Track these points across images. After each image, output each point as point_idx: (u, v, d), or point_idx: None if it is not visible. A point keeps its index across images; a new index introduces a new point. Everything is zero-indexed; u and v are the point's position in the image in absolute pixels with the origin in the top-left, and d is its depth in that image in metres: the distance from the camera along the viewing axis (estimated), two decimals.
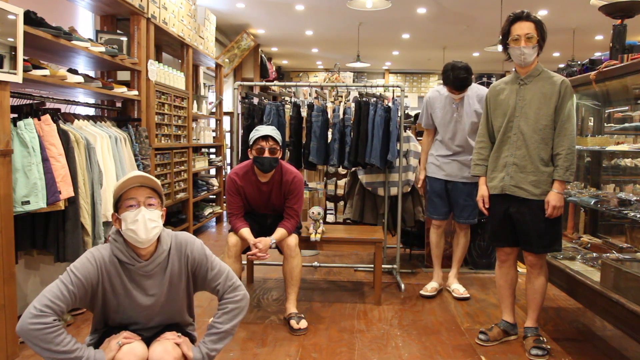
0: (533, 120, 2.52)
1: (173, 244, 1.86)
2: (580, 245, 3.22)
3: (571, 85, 2.52)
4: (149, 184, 1.79)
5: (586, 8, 5.42)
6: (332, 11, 7.22)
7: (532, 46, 2.50)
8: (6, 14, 2.31)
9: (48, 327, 1.56)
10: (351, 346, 2.70)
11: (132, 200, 1.75)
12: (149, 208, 1.76)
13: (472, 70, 3.31)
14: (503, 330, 2.78)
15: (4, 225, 2.35)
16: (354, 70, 12.31)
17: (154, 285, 1.81)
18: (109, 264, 1.76)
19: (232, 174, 3.05)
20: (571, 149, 2.46)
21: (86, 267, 1.71)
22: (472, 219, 3.50)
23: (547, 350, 2.59)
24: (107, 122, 3.48)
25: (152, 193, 1.79)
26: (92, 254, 1.75)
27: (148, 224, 1.73)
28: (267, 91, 4.46)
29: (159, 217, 1.79)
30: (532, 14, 2.55)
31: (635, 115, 4.00)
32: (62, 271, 1.76)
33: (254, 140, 2.93)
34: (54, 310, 1.61)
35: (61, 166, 2.66)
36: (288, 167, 3.07)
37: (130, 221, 1.73)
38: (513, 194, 2.56)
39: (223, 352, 2.57)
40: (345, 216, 4.27)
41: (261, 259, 2.90)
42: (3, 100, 2.35)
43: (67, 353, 1.58)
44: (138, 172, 1.82)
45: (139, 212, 1.74)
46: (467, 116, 3.37)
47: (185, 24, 4.88)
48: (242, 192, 3.03)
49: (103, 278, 1.74)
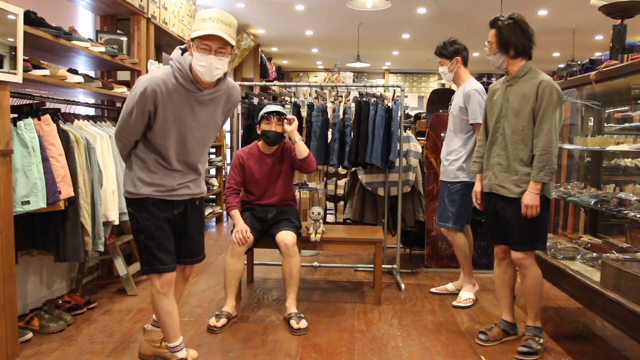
0: (513, 121, 2.56)
1: (228, 86, 2.24)
2: (580, 245, 3.22)
3: (555, 86, 2.48)
4: (223, 32, 2.01)
5: (586, 8, 5.41)
6: (332, 11, 7.21)
7: (493, 52, 2.63)
8: (6, 14, 2.31)
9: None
10: (351, 346, 2.70)
11: (206, 45, 2.02)
12: (218, 56, 2.04)
13: (454, 49, 3.37)
14: (503, 330, 2.78)
15: (4, 225, 2.35)
16: (354, 70, 12.30)
17: (203, 111, 2.17)
18: (168, 83, 2.07)
19: (238, 151, 3.30)
20: (546, 149, 2.44)
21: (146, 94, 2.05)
22: (441, 221, 3.39)
23: (535, 350, 2.56)
24: (107, 122, 3.48)
25: (225, 42, 2.03)
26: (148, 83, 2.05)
27: (213, 71, 2.06)
28: (267, 91, 4.47)
29: (225, 63, 2.08)
30: (500, 18, 2.60)
31: (635, 115, 4.00)
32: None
33: (261, 116, 3.15)
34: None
35: (61, 166, 2.66)
36: (288, 141, 3.29)
37: (199, 62, 2.03)
38: (497, 192, 2.62)
39: (223, 352, 2.57)
40: (345, 216, 4.28)
41: (241, 242, 2.96)
42: (3, 100, 2.35)
43: None
44: (220, 16, 2.02)
45: (209, 58, 2.02)
46: (453, 110, 3.40)
47: (185, 24, 4.88)
48: (245, 166, 3.20)
49: (162, 94, 2.06)
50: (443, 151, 3.47)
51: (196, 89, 2.11)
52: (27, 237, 2.76)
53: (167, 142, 2.15)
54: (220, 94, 2.21)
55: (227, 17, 2.04)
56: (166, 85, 2.06)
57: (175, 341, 2.27)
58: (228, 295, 3.02)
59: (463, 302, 3.36)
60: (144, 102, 2.05)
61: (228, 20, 2.04)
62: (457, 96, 3.38)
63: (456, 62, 3.37)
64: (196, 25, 2.03)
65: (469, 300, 3.36)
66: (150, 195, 2.16)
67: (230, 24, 2.05)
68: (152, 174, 2.17)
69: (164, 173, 2.19)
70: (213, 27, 1.99)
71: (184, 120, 2.15)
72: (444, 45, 3.40)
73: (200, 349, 2.57)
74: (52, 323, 2.78)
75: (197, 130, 2.21)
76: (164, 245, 2.19)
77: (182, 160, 2.22)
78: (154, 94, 2.04)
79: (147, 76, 2.10)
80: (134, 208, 2.20)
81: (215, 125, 2.30)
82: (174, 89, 2.08)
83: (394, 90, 4.01)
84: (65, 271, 3.41)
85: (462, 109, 3.29)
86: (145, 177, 2.16)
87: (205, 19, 2.00)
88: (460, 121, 3.32)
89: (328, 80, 8.21)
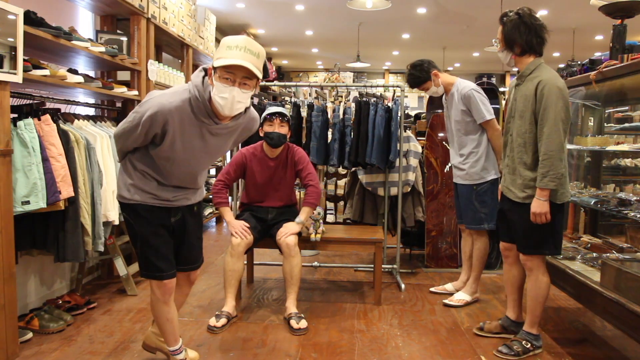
0: (518, 123, 2.48)
1: (247, 118, 2.08)
2: (580, 245, 3.22)
3: (556, 85, 2.34)
4: (250, 63, 1.84)
5: (586, 8, 5.42)
6: (332, 11, 7.22)
7: (500, 50, 2.57)
8: (6, 14, 2.31)
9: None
10: (351, 346, 2.70)
11: (230, 75, 1.86)
12: (242, 88, 1.88)
13: (425, 67, 3.34)
14: (502, 325, 2.79)
15: (4, 225, 2.35)
16: (354, 70, 12.31)
17: (214, 140, 2.03)
18: (183, 112, 1.91)
19: (242, 149, 3.24)
20: (548, 154, 2.32)
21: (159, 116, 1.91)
22: (475, 224, 3.29)
23: (515, 352, 2.53)
24: (107, 122, 3.48)
25: (250, 73, 1.86)
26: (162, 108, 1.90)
27: (235, 105, 1.89)
28: (267, 91, 4.46)
29: (249, 97, 1.93)
30: (507, 14, 2.51)
31: (635, 115, 4.00)
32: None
33: (264, 118, 3.09)
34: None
35: (61, 166, 2.66)
36: (293, 145, 3.24)
37: (221, 93, 1.86)
38: (506, 194, 2.59)
39: (223, 352, 2.57)
40: (345, 216, 4.28)
41: (243, 235, 2.96)
42: (3, 100, 2.35)
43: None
44: (247, 44, 1.86)
45: (232, 90, 1.86)
46: (453, 114, 3.34)
47: (185, 24, 4.88)
48: (247, 167, 3.16)
49: (175, 122, 1.92)
50: (455, 157, 3.37)
51: (212, 121, 1.95)
52: (27, 237, 2.76)
53: (170, 165, 2.04)
54: (237, 128, 2.07)
55: (255, 47, 1.87)
56: (180, 114, 1.91)
57: (174, 345, 2.26)
58: (228, 295, 3.02)
59: (455, 301, 3.34)
60: (151, 125, 1.91)
61: (256, 50, 1.87)
62: (453, 100, 3.31)
63: (435, 76, 3.34)
64: (220, 53, 1.86)
65: (461, 301, 3.34)
66: (144, 202, 2.06)
67: (259, 55, 1.88)
68: (148, 183, 2.06)
69: (160, 186, 2.08)
70: (239, 56, 1.82)
71: (193, 150, 2.02)
72: (414, 75, 3.37)
73: (200, 349, 2.57)
74: (52, 323, 2.78)
75: (205, 158, 2.11)
76: (162, 252, 2.11)
77: (181, 182, 2.12)
78: (164, 121, 1.90)
79: (161, 99, 1.90)
80: (128, 214, 2.10)
81: (223, 151, 2.21)
82: (188, 119, 1.93)
83: (394, 90, 4.01)
84: (65, 271, 3.40)
85: (465, 112, 3.25)
86: (140, 184, 2.05)
87: (231, 47, 1.84)
88: (466, 124, 3.27)
89: (328, 80, 8.21)
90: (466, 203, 3.33)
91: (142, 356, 2.52)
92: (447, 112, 3.42)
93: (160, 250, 2.11)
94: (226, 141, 2.12)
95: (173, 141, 1.96)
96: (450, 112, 3.36)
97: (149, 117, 1.89)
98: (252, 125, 2.17)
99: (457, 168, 3.38)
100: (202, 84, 1.91)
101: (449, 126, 3.44)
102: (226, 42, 1.87)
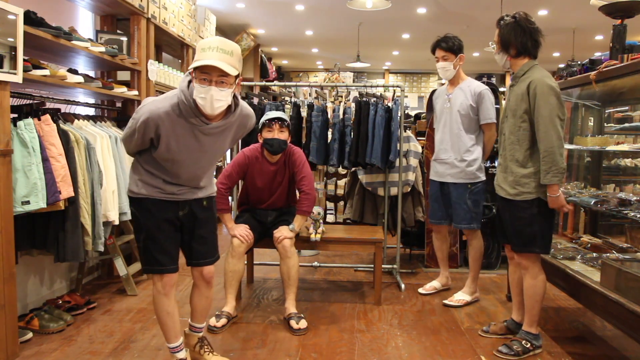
0: (511, 122, 2.55)
1: (240, 115, 2.13)
2: (580, 245, 3.22)
3: (547, 84, 2.40)
4: (223, 62, 1.91)
5: (586, 8, 5.41)
6: (332, 11, 7.22)
7: (497, 52, 2.63)
8: (6, 14, 2.31)
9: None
10: (351, 346, 2.70)
11: (205, 75, 1.93)
12: (219, 87, 1.94)
13: (460, 44, 3.31)
14: (507, 327, 2.80)
15: (4, 225, 2.35)
16: (354, 70, 12.30)
17: (209, 140, 2.10)
18: (172, 116, 2.00)
19: (244, 149, 3.19)
20: (547, 150, 2.38)
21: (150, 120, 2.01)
22: (466, 223, 3.31)
23: (515, 352, 2.54)
24: (107, 122, 3.48)
25: (225, 72, 1.92)
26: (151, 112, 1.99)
27: (214, 103, 1.95)
28: (267, 91, 4.46)
29: (228, 94, 1.98)
30: (504, 17, 2.58)
31: (635, 115, 4.00)
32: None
33: (262, 123, 3.05)
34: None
35: (61, 166, 2.66)
36: (292, 146, 3.19)
37: (200, 94, 1.94)
38: (497, 192, 2.64)
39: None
40: (345, 216, 4.27)
41: (246, 239, 2.97)
42: (3, 100, 2.35)
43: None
44: (220, 44, 1.93)
45: (209, 90, 1.93)
46: (458, 108, 3.30)
47: (185, 24, 4.88)
48: (248, 169, 3.12)
49: (165, 126, 2.01)
50: (452, 152, 3.33)
51: (201, 122, 2.03)
52: (27, 237, 2.76)
53: (171, 165, 2.13)
54: (229, 126, 2.13)
55: (228, 45, 1.95)
56: (169, 117, 2.00)
57: (175, 342, 2.26)
58: (228, 295, 3.02)
59: (455, 301, 3.34)
60: (145, 130, 2.03)
61: (229, 48, 1.95)
62: (463, 94, 3.29)
63: (460, 59, 3.31)
64: (196, 56, 1.95)
65: (461, 301, 3.34)
66: (151, 195, 2.15)
67: (232, 53, 1.95)
68: (155, 179, 2.15)
69: (166, 182, 2.17)
70: (212, 57, 1.90)
71: (189, 150, 2.10)
72: (449, 39, 3.29)
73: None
74: (52, 323, 2.78)
75: (205, 157, 2.17)
76: (164, 247, 2.18)
77: (185, 180, 2.19)
78: (155, 125, 2.01)
79: (151, 106, 2.02)
80: (135, 207, 2.20)
81: (223, 150, 2.26)
82: (179, 122, 2.02)
83: (394, 90, 4.01)
84: (65, 271, 3.41)
85: (473, 108, 3.26)
86: (148, 179, 2.15)
87: (204, 49, 1.93)
88: (469, 120, 3.28)
89: (328, 80, 8.21)
90: (458, 202, 3.33)
91: (142, 356, 2.53)
92: (448, 106, 3.36)
93: (162, 244, 2.17)
94: (222, 139, 2.18)
95: (168, 143, 2.06)
96: (453, 107, 3.33)
97: (142, 123, 2.01)
98: (247, 121, 2.22)
99: (449, 165, 3.34)
100: (187, 87, 2.00)
101: (445, 120, 3.38)
102: (200, 45, 1.96)
